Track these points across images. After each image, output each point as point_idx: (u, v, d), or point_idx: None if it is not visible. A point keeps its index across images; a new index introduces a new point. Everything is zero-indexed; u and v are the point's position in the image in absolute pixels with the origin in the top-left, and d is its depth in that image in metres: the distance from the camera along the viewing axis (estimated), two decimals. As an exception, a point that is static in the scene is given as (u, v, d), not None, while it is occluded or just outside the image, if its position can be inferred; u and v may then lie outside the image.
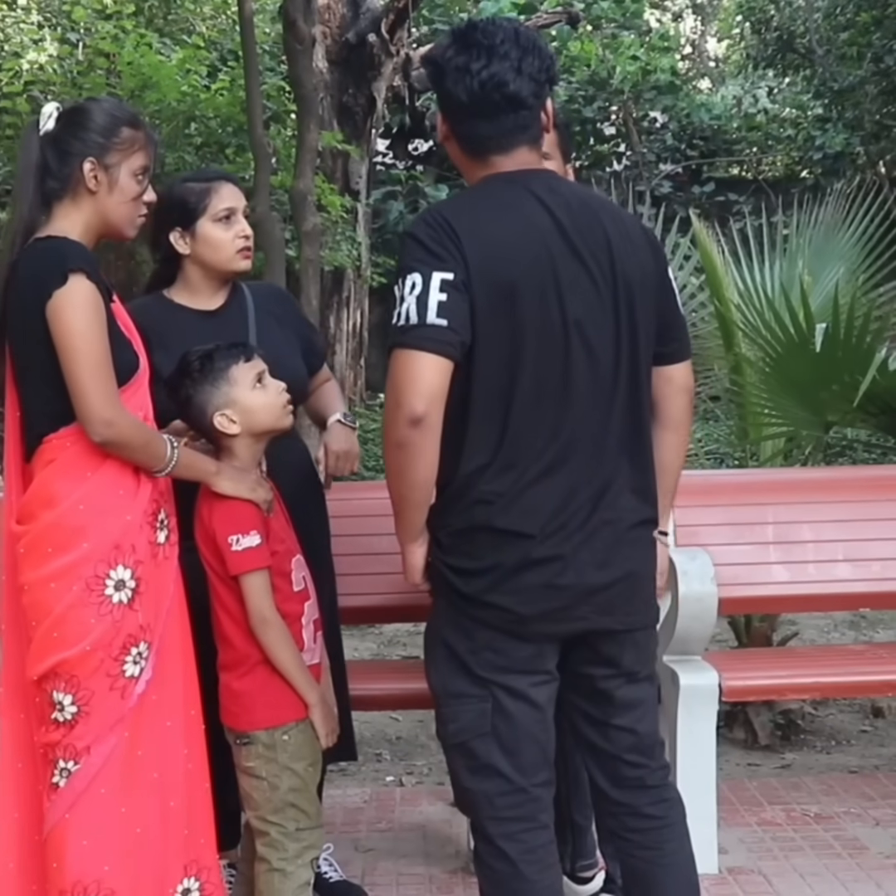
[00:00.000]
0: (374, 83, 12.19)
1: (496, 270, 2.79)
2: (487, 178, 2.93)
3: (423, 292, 2.74)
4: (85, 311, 3.01)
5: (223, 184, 3.78)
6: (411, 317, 2.74)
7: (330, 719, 3.39)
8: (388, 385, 2.80)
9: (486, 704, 2.91)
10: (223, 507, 3.27)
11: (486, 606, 2.87)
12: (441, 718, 3.00)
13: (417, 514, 2.91)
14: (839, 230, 6.46)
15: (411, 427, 2.74)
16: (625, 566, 2.94)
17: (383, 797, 5.08)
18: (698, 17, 22.72)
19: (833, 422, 5.77)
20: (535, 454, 2.85)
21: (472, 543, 2.88)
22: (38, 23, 11.09)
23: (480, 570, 2.87)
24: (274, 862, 3.33)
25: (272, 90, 11.02)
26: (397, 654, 7.24)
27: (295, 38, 8.64)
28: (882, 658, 4.73)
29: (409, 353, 2.74)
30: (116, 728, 3.10)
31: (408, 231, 2.88)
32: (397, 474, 2.85)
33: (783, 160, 17.07)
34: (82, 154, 3.13)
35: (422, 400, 2.72)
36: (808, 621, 7.34)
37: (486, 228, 2.81)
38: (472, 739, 2.94)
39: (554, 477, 2.86)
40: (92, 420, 3.02)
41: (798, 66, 16.35)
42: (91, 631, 3.05)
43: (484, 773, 2.95)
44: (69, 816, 3.09)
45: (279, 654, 3.28)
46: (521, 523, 2.84)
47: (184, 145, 9.84)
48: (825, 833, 4.51)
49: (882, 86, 14.76)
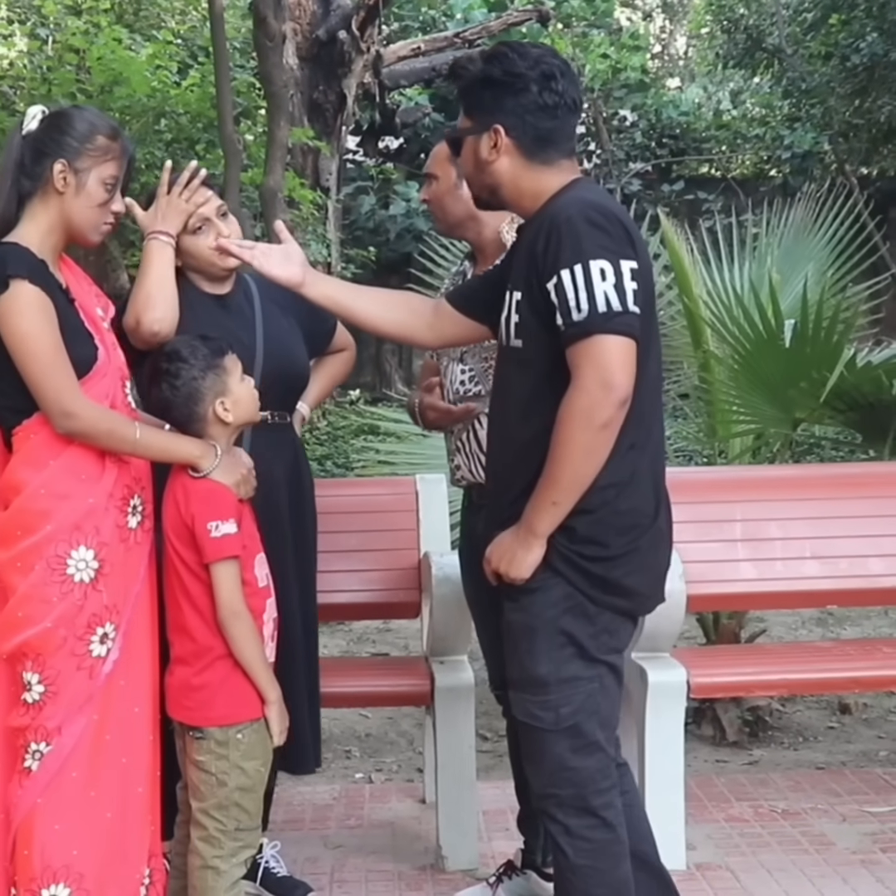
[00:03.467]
0: (345, 80, 12.17)
1: (647, 262, 3.01)
2: (579, 180, 3.12)
3: (619, 280, 2.88)
4: (29, 314, 3.14)
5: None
6: (613, 304, 2.86)
7: (284, 718, 3.39)
8: (591, 369, 2.86)
9: (594, 685, 3.08)
10: (202, 493, 3.27)
11: (620, 590, 3.05)
12: (548, 705, 3.08)
13: (575, 501, 2.95)
14: (808, 232, 6.49)
15: (620, 408, 2.87)
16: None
17: (352, 794, 5.09)
18: (668, 16, 22.77)
19: (801, 419, 5.80)
20: (647, 434, 3.08)
21: (606, 528, 3.02)
22: (7, 18, 11.04)
23: (614, 555, 3.03)
24: (209, 859, 3.32)
25: (242, 87, 11.00)
26: (367, 651, 7.24)
27: (265, 34, 8.63)
28: (849, 655, 4.76)
29: (617, 338, 2.87)
30: (86, 708, 3.19)
31: (579, 217, 2.94)
32: (590, 455, 2.91)
33: (752, 159, 17.12)
34: (55, 155, 3.23)
35: (631, 381, 2.88)
36: (775, 618, 7.37)
37: (631, 222, 3.01)
38: (583, 720, 3.08)
39: (660, 459, 3.16)
40: (52, 414, 3.17)
41: (767, 66, 16.41)
42: (54, 609, 3.16)
43: (588, 751, 3.09)
44: (41, 801, 3.16)
45: (245, 648, 3.27)
46: (644, 505, 3.07)
47: (154, 141, 9.81)
48: (792, 829, 4.54)
49: (849, 85, 14.84)
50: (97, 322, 3.35)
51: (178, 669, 3.35)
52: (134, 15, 11.98)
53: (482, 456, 3.69)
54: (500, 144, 3.10)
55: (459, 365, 3.91)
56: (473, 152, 3.16)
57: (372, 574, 4.58)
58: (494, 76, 3.11)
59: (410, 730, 5.93)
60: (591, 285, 2.87)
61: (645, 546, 3.07)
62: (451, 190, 3.81)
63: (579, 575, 3.02)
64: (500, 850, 4.34)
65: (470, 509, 3.94)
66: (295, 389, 3.95)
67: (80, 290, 3.35)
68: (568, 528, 2.98)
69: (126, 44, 10.19)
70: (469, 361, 3.89)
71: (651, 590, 3.18)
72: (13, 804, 3.18)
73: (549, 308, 2.94)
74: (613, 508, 3.00)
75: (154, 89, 9.84)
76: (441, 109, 15.46)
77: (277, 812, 4.51)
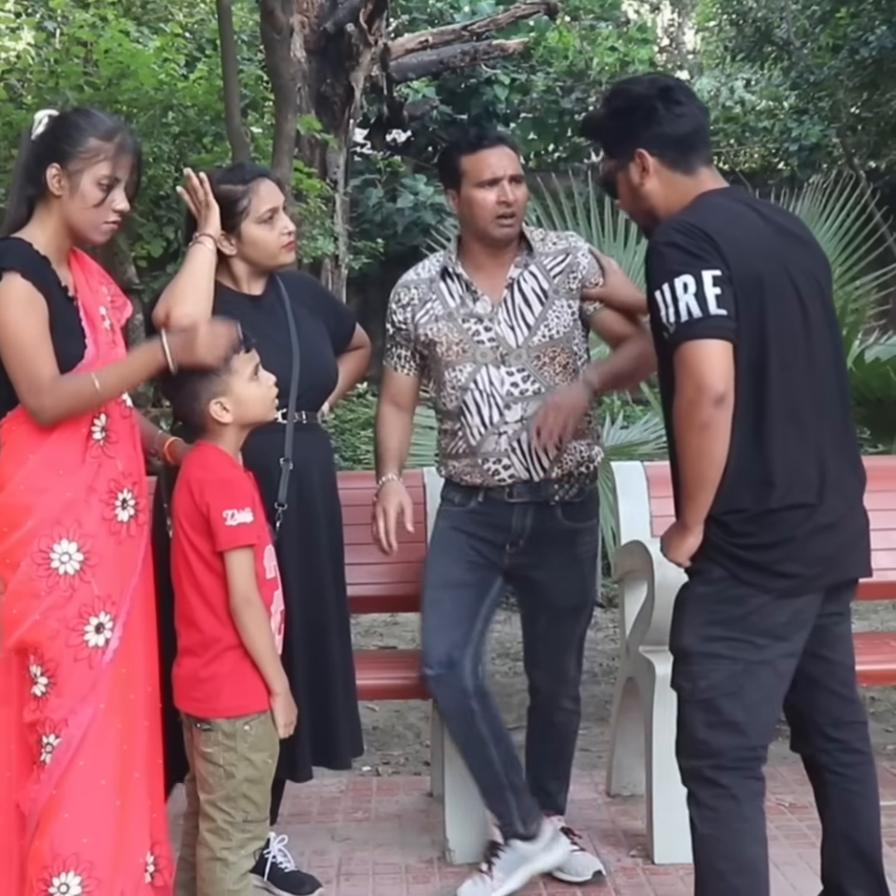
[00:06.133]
0: (352, 73, 12.14)
1: (747, 266, 3.17)
2: (706, 194, 3.34)
3: (699, 289, 3.10)
4: (15, 306, 3.22)
5: (261, 183, 3.83)
6: (693, 312, 3.10)
7: (290, 711, 3.40)
8: (685, 374, 3.10)
9: (737, 667, 3.24)
10: (218, 482, 3.30)
11: (775, 574, 3.22)
12: (689, 675, 3.31)
13: (712, 494, 3.18)
14: (816, 224, 6.48)
15: (716, 407, 3.08)
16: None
17: (360, 787, 5.10)
18: (676, 8, 22.72)
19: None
20: (799, 428, 3.28)
21: (760, 524, 3.21)
22: (14, 11, 11.03)
23: (769, 544, 3.22)
24: (217, 851, 3.34)
25: (250, 79, 10.97)
26: (374, 644, 7.25)
27: (272, 27, 8.62)
28: (857, 649, 4.72)
29: (702, 342, 3.09)
30: (89, 698, 3.26)
31: (659, 241, 3.23)
32: (700, 456, 3.14)
33: (760, 152, 17.08)
34: (49, 159, 3.32)
35: (722, 380, 3.08)
36: (783, 612, 7.36)
37: (730, 231, 3.21)
38: (719, 697, 3.26)
39: (829, 450, 3.33)
40: (28, 406, 3.25)
41: (776, 59, 16.37)
42: (42, 602, 3.24)
43: (724, 729, 3.28)
44: (56, 792, 3.23)
45: (256, 638, 3.29)
46: (802, 496, 3.23)
47: (161, 134, 9.77)
48: (800, 822, 4.54)
49: (858, 78, 14.80)
50: (95, 321, 3.42)
51: (186, 661, 3.37)
52: (141, 7, 11.95)
53: (544, 455, 3.95)
54: (647, 166, 3.36)
55: (503, 368, 4.00)
56: (627, 184, 3.42)
57: (379, 567, 4.58)
58: (620, 109, 3.42)
59: (417, 723, 5.93)
60: (676, 300, 3.12)
61: (802, 535, 3.23)
62: None
63: (733, 562, 3.24)
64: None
65: (503, 505, 4.07)
66: (327, 390, 4.02)
67: (85, 289, 3.42)
68: (723, 523, 3.22)
69: (133, 36, 10.16)
70: (515, 363, 4.00)
71: (815, 573, 3.28)
72: (32, 799, 3.23)
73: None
74: (766, 506, 3.20)
75: (161, 82, 9.82)
76: (449, 102, 15.44)
77: (285, 805, 4.51)
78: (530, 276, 4.08)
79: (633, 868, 4.34)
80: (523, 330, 4.03)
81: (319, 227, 11.05)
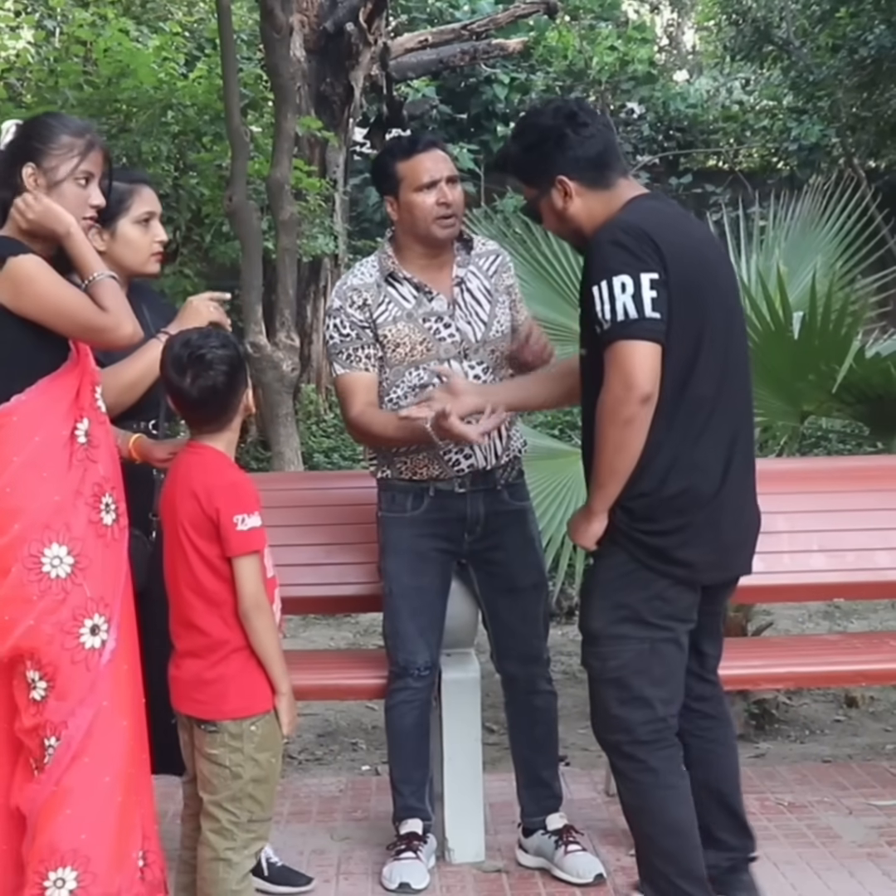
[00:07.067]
0: (352, 72, 12.15)
1: (684, 272, 3.34)
2: (638, 198, 3.51)
3: (637, 291, 3.27)
4: (41, 275, 3.21)
5: (144, 188, 3.88)
6: (630, 312, 3.26)
7: (294, 709, 3.40)
8: (615, 371, 3.29)
9: (644, 646, 3.47)
10: (226, 486, 3.29)
11: (675, 561, 3.43)
12: (600, 656, 3.54)
13: (622, 485, 3.38)
14: (816, 225, 6.47)
15: (641, 405, 3.27)
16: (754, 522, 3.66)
17: (359, 786, 5.09)
18: (675, 8, 22.72)
19: (809, 412, 5.79)
20: (706, 420, 3.46)
21: (661, 509, 3.41)
22: (14, 10, 11.04)
23: (668, 530, 3.42)
24: (221, 851, 3.33)
25: (249, 79, 10.98)
26: (373, 643, 7.24)
27: (272, 26, 8.63)
28: (856, 648, 4.75)
29: (634, 343, 3.27)
30: (88, 700, 3.24)
31: (604, 238, 3.38)
32: (617, 449, 3.33)
33: (759, 151, 17.08)
34: (23, 160, 3.31)
35: (650, 381, 3.27)
36: (782, 611, 7.37)
37: (669, 236, 3.37)
38: (629, 675, 3.49)
39: (734, 442, 3.53)
40: (114, 340, 3.31)
41: (775, 58, 16.36)
42: (35, 607, 3.21)
43: (634, 704, 3.50)
44: (57, 790, 3.22)
45: (265, 641, 3.29)
46: (703, 485, 3.43)
47: (160, 133, 9.80)
48: (799, 822, 4.54)
49: (857, 78, 14.79)
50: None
51: (187, 663, 3.36)
52: (141, 6, 11.96)
53: (498, 441, 4.10)
54: (569, 190, 3.51)
55: (465, 362, 4.10)
56: (552, 209, 3.57)
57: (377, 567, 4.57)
58: (532, 142, 3.55)
59: (417, 722, 5.92)
60: (613, 298, 3.28)
61: (701, 522, 3.42)
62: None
63: (636, 546, 3.44)
64: (506, 842, 4.35)
65: (454, 497, 4.13)
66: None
67: None
68: (627, 509, 3.41)
69: (133, 35, 10.18)
70: (475, 357, 4.12)
71: (709, 562, 3.49)
72: (31, 799, 3.23)
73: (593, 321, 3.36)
74: (666, 493, 3.39)
75: (161, 81, 9.84)
76: (448, 101, 15.45)
77: (284, 804, 4.52)
78: (472, 275, 4.20)
79: (633, 868, 4.33)
80: (479, 326, 4.15)
81: (319, 225, 11.06)
